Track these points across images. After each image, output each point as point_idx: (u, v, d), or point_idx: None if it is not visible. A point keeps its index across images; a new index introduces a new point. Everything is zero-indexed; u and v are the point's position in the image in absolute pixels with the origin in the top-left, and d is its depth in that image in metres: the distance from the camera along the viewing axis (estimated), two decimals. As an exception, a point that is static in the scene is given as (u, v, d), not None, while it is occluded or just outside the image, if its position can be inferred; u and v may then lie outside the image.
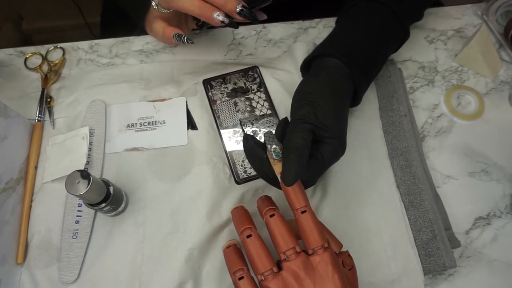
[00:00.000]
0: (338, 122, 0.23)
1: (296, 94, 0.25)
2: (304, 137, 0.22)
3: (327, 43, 0.28)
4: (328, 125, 0.23)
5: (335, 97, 0.24)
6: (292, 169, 0.21)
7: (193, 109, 0.33)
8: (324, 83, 0.24)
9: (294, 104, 0.24)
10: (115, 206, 0.27)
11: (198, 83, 0.34)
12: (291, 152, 0.21)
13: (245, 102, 0.33)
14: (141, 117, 0.32)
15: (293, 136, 0.22)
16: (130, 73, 0.34)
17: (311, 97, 0.23)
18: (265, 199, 0.24)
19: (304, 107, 0.23)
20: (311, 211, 0.21)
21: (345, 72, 0.25)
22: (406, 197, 0.29)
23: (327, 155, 0.23)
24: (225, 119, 0.32)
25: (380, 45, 0.27)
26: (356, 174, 0.30)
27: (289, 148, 0.21)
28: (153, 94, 0.33)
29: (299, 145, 0.21)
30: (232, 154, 0.31)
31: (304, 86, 0.25)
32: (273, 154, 0.22)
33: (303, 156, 0.21)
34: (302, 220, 0.21)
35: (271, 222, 0.21)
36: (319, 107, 0.23)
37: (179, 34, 0.27)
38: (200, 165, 0.30)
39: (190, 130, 0.32)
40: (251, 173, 0.30)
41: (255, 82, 0.34)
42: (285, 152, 0.22)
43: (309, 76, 0.26)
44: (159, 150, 0.31)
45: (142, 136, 0.32)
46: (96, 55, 0.35)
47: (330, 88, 0.24)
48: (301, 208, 0.21)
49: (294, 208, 0.21)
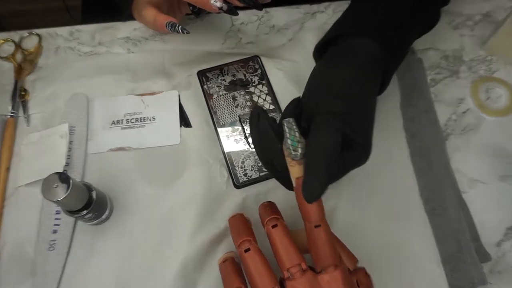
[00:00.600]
0: (370, 123, 0.22)
1: (319, 82, 0.23)
2: (337, 139, 0.20)
3: (346, 20, 0.26)
4: (361, 126, 0.21)
5: (369, 89, 0.23)
6: (318, 180, 0.19)
7: (186, 104, 0.33)
8: (356, 70, 0.23)
9: (319, 95, 0.22)
10: (98, 214, 0.27)
11: (192, 75, 0.34)
12: (320, 157, 0.19)
13: (245, 96, 0.33)
14: (128, 113, 0.33)
15: (324, 135, 0.20)
16: (115, 64, 0.34)
17: (345, 89, 0.22)
18: (268, 206, 0.24)
19: (337, 101, 0.21)
20: (326, 225, 0.21)
21: (374, 56, 0.24)
22: (427, 204, 0.29)
23: (349, 162, 0.21)
24: (223, 115, 0.33)
25: (409, 24, 0.25)
26: (374, 178, 0.30)
27: (316, 150, 0.19)
28: (142, 87, 0.33)
29: (331, 149, 0.19)
30: (231, 154, 0.31)
31: (332, 73, 0.23)
32: (291, 151, 0.20)
33: (332, 164, 0.20)
34: (315, 234, 0.20)
35: (274, 234, 0.21)
36: (355, 103, 0.21)
37: (172, 23, 0.27)
38: (194, 167, 0.31)
39: (183, 127, 0.32)
40: (252, 176, 0.31)
41: (256, 73, 0.34)
42: (310, 155, 0.20)
43: (332, 61, 0.24)
44: (148, 150, 0.31)
45: (129, 135, 0.32)
46: (77, 43, 0.35)
47: (363, 77, 0.23)
48: (316, 221, 0.21)
49: (308, 220, 0.21)
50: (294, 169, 0.21)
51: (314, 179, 0.19)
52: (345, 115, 0.21)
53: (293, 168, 0.21)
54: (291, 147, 0.20)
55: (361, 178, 0.30)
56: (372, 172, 0.30)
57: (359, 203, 0.29)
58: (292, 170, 0.21)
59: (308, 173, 0.20)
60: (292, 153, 0.20)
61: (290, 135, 0.20)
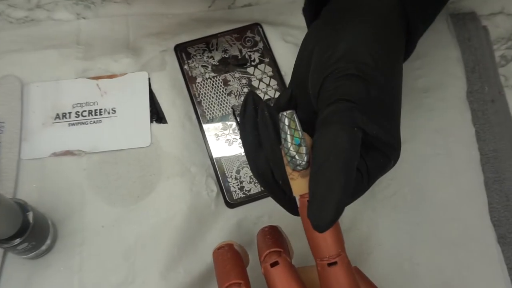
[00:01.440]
0: (398, 110, 0.22)
1: (321, 54, 0.22)
2: (356, 137, 0.19)
3: None
4: (386, 116, 0.21)
5: (393, 59, 0.22)
6: (330, 198, 0.17)
7: (159, 91, 0.32)
8: (372, 32, 0.22)
9: (323, 72, 0.21)
10: (36, 243, 0.26)
11: (168, 51, 0.33)
12: (333, 163, 0.18)
13: (240, 79, 0.32)
14: (78, 103, 0.32)
15: (336, 132, 0.18)
16: (60, 34, 0.33)
17: (361, 62, 0.20)
18: (269, 233, 0.23)
19: (347, 80, 0.20)
20: (345, 262, 0.20)
21: (393, 8, 0.23)
22: (498, 229, 0.29)
23: (375, 168, 0.21)
24: (210, 106, 0.32)
25: None
26: (426, 196, 0.30)
27: (327, 153, 0.18)
28: (97, 67, 0.33)
29: (349, 151, 0.18)
30: (221, 161, 0.31)
31: (337, 36, 0.22)
32: (293, 157, 0.19)
33: (351, 174, 0.18)
34: (329, 275, 0.19)
35: (272, 275, 0.20)
36: (377, 81, 0.20)
37: None
38: (170, 178, 0.30)
39: (155, 123, 0.31)
40: (251, 191, 0.30)
41: (257, 48, 0.33)
42: (318, 161, 0.18)
43: (337, 21, 0.23)
44: (106, 155, 0.31)
45: (80, 133, 0.31)
46: (6, 5, 0.34)
47: (383, 42, 0.22)
48: (330, 257, 0.19)
49: (318, 256, 0.20)
50: (296, 183, 0.19)
51: (324, 196, 0.17)
52: (364, 100, 0.20)
53: (295, 182, 0.19)
54: (292, 152, 0.19)
55: (406, 194, 0.30)
56: (421, 185, 0.30)
57: (404, 229, 0.29)
58: (294, 184, 0.19)
59: (315, 189, 0.18)
60: (293, 160, 0.19)
61: (290, 135, 0.19)
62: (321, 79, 0.21)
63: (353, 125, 0.19)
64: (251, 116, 0.20)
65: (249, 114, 0.20)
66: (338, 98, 0.19)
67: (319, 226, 0.18)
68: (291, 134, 0.19)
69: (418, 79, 0.33)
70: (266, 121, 0.20)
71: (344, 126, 0.19)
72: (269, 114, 0.20)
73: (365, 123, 0.19)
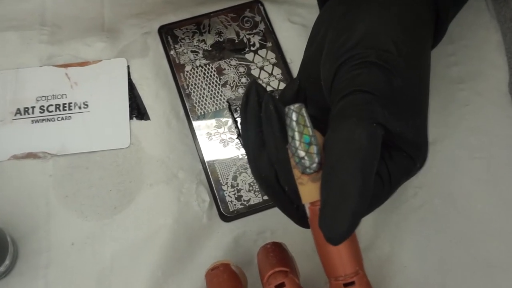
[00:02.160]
0: (425, 105, 0.22)
1: (336, 37, 0.23)
2: (376, 135, 0.19)
3: None
4: (411, 112, 0.21)
5: (420, 44, 0.22)
6: (346, 206, 0.18)
7: (140, 82, 0.32)
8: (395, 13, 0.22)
9: (338, 58, 0.22)
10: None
11: (151, 33, 0.33)
12: (348, 166, 0.18)
13: (237, 68, 0.33)
14: (43, 95, 0.32)
15: (353, 129, 0.19)
16: (21, 13, 0.33)
17: (382, 47, 0.21)
18: (272, 250, 0.24)
19: (366, 68, 0.20)
20: (363, 281, 0.20)
21: None
22: None
23: (398, 172, 0.21)
24: (201, 100, 0.32)
25: None
26: (460, 208, 0.29)
27: (342, 154, 0.19)
28: (66, 53, 0.33)
29: (368, 151, 0.18)
30: (215, 165, 0.30)
31: (354, 18, 0.23)
32: (302, 158, 0.19)
33: (369, 178, 0.18)
34: None
35: None
36: (401, 70, 0.21)
37: None
38: (153, 185, 0.30)
39: (135, 120, 0.32)
40: (251, 201, 0.30)
41: (257, 30, 0.33)
42: (332, 162, 0.19)
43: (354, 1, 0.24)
44: (77, 158, 0.31)
45: (45, 132, 0.31)
46: None
47: (408, 24, 0.22)
48: (347, 276, 0.20)
49: (333, 275, 0.20)
50: (305, 188, 0.20)
51: (338, 203, 0.18)
52: (386, 92, 0.20)
53: (304, 188, 0.20)
54: (301, 152, 0.19)
55: (436, 205, 0.29)
56: (454, 195, 0.30)
57: (433, 249, 0.29)
58: (304, 190, 0.20)
59: (328, 194, 0.18)
60: (302, 161, 0.19)
61: (298, 132, 0.19)
62: (335, 67, 0.21)
63: (372, 120, 0.19)
64: (253, 109, 0.21)
65: (252, 108, 0.21)
66: (355, 89, 0.20)
67: (333, 238, 0.18)
68: (299, 132, 0.19)
69: (450, 68, 0.33)
70: (271, 116, 0.20)
71: (362, 121, 0.19)
72: (275, 108, 0.20)
73: (386, 118, 0.19)
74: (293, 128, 0.19)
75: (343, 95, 0.20)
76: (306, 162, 0.19)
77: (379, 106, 0.19)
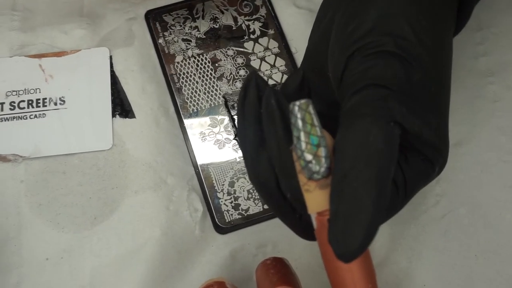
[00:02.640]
0: (446, 102, 0.22)
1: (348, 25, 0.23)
2: (392, 135, 0.19)
3: None
4: (431, 110, 0.21)
5: (441, 31, 0.22)
6: (360, 221, 0.18)
7: (125, 74, 0.33)
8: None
9: (343, 45, 0.22)
10: None
11: (136, 19, 0.34)
12: (363, 170, 0.19)
13: (235, 58, 0.33)
14: (13, 90, 0.32)
15: (367, 128, 0.19)
16: None
17: (394, 33, 0.21)
18: (272, 267, 0.24)
19: (381, 58, 0.21)
20: None
21: None
22: None
23: (414, 177, 0.21)
24: (194, 95, 0.32)
25: None
26: (488, 218, 0.29)
27: (355, 156, 0.19)
28: (39, 42, 0.33)
29: (384, 154, 0.19)
30: (209, 169, 0.31)
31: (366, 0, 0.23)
32: (309, 162, 0.20)
33: (386, 185, 0.19)
34: None
35: None
36: (416, 61, 0.21)
37: None
38: (139, 192, 0.30)
39: (119, 118, 0.32)
40: (250, 210, 0.30)
41: (258, 16, 0.33)
42: (344, 166, 0.19)
43: None
44: (52, 162, 0.31)
45: (16, 131, 0.31)
46: None
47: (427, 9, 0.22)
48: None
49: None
50: (313, 196, 0.20)
51: (351, 215, 0.18)
52: (403, 86, 0.20)
53: (311, 196, 0.20)
54: (308, 155, 0.19)
55: (461, 216, 0.29)
56: (482, 204, 0.30)
57: (457, 264, 0.29)
58: (310, 198, 0.20)
59: (339, 204, 0.19)
60: (309, 165, 0.19)
61: (304, 132, 0.19)
62: (345, 57, 0.21)
63: (389, 119, 0.19)
64: (252, 105, 0.21)
65: (250, 102, 0.21)
66: (369, 83, 0.20)
67: (344, 255, 0.18)
68: (306, 131, 0.19)
69: (478, 58, 0.32)
70: (273, 113, 0.20)
71: (378, 120, 0.19)
72: (277, 103, 0.20)
73: (404, 116, 0.20)
74: (299, 127, 0.19)
75: (355, 89, 0.20)
76: (313, 167, 0.19)
77: (396, 102, 0.20)
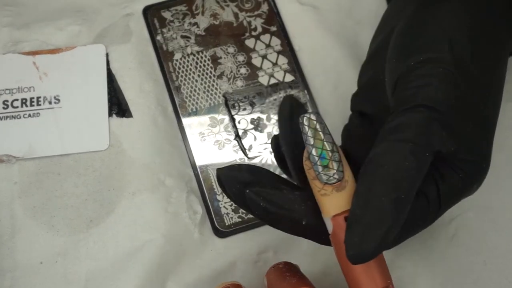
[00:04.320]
0: (494, 120, 0.23)
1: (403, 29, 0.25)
2: (425, 163, 0.21)
3: None
4: (478, 127, 0.22)
5: (498, 51, 0.24)
6: (378, 232, 0.20)
7: (122, 72, 0.33)
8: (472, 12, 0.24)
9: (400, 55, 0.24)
10: None
11: (134, 15, 0.34)
12: (389, 193, 0.20)
13: (235, 56, 0.33)
14: (6, 88, 0.32)
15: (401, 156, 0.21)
16: None
17: (453, 51, 0.22)
18: (286, 270, 0.24)
19: (435, 78, 0.22)
20: None
21: None
22: None
23: (449, 193, 0.22)
24: (193, 94, 0.32)
25: None
26: (498, 223, 0.30)
27: (384, 177, 0.21)
28: (33, 39, 0.33)
29: (411, 180, 0.21)
30: (208, 171, 0.31)
31: (426, 14, 0.24)
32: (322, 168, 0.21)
33: (407, 207, 0.20)
34: None
35: None
36: (470, 81, 0.22)
37: None
38: (136, 194, 0.30)
39: (116, 117, 0.32)
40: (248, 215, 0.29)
41: (259, 12, 0.33)
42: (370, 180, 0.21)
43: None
44: (47, 162, 0.31)
45: (9, 131, 0.31)
46: None
47: (486, 27, 0.24)
48: None
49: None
50: (329, 199, 0.22)
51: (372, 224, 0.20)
52: (452, 106, 0.22)
53: (327, 198, 0.22)
54: (320, 162, 0.22)
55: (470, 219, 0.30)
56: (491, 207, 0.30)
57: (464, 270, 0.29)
58: (327, 201, 0.22)
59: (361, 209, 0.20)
60: (325, 170, 0.21)
61: (316, 142, 0.22)
62: (401, 68, 0.23)
63: (427, 149, 0.21)
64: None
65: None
66: (419, 104, 0.21)
67: (357, 256, 0.20)
68: (317, 141, 0.21)
69: None
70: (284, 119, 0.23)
71: (416, 149, 0.21)
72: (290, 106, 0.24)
73: (443, 142, 0.21)
74: (310, 136, 0.22)
75: (405, 108, 0.22)
76: (330, 171, 0.21)
77: (438, 127, 0.21)
